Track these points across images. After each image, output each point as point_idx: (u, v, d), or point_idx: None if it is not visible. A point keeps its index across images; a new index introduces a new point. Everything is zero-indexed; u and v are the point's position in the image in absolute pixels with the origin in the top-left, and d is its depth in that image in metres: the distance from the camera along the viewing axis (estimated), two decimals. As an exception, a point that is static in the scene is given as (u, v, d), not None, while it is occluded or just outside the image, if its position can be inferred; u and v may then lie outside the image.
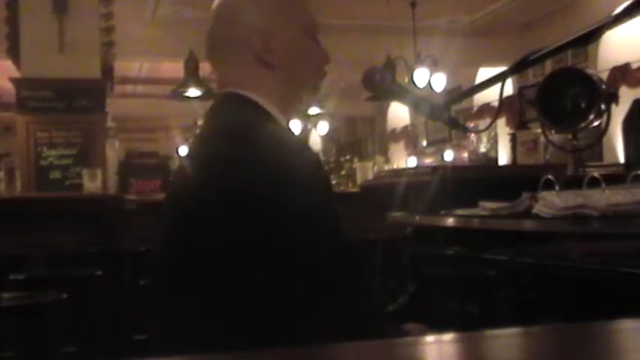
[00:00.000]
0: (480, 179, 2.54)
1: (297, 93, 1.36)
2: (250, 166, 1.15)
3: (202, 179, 1.19)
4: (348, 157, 7.87)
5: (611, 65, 6.97)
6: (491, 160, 6.79)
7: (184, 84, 5.77)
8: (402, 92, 1.57)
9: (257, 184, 1.13)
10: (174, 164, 6.72)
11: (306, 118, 8.37)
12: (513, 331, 0.63)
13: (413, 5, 7.27)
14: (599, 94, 1.82)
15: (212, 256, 1.13)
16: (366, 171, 5.50)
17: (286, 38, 1.31)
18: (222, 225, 1.13)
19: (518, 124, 7.66)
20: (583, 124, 1.85)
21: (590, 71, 2.01)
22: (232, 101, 1.30)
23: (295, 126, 7.94)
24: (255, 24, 1.30)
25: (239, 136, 1.20)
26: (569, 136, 1.93)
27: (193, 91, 5.78)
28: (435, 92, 6.86)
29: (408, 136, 11.81)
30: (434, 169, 2.65)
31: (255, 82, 1.30)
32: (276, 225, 1.11)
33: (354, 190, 5.18)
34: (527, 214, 1.54)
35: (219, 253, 1.12)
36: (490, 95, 6.73)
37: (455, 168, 4.59)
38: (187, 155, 1.32)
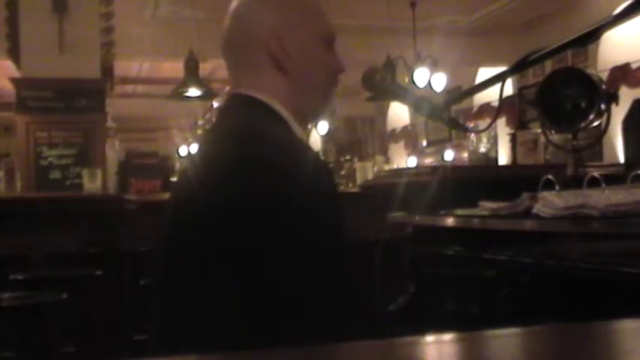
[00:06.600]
0: (480, 179, 2.53)
1: (309, 100, 1.35)
2: (262, 166, 1.15)
3: (213, 179, 1.19)
4: (348, 157, 7.89)
5: (611, 65, 6.97)
6: (491, 160, 6.78)
7: (184, 84, 5.77)
8: (402, 92, 1.57)
9: (268, 185, 1.13)
10: (174, 164, 6.74)
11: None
12: (513, 331, 0.63)
13: (413, 5, 7.27)
14: (599, 94, 1.82)
15: (222, 255, 1.13)
16: (366, 171, 5.50)
17: (302, 44, 1.31)
18: (232, 225, 1.12)
19: (518, 124, 7.68)
20: (583, 124, 1.85)
21: (590, 71, 2.02)
22: (244, 102, 1.30)
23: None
24: (272, 27, 1.29)
25: (251, 137, 1.20)
26: (569, 136, 1.93)
27: (193, 91, 5.78)
28: (435, 92, 6.86)
29: (408, 136, 11.81)
30: (434, 169, 2.65)
31: (269, 86, 1.29)
32: (287, 225, 1.11)
33: (354, 190, 5.18)
34: (527, 214, 1.54)
35: (229, 253, 1.12)
36: (490, 95, 6.73)
37: (455, 168, 4.59)
38: (197, 155, 1.32)
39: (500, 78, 1.47)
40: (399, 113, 11.91)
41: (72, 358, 3.37)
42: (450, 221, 1.84)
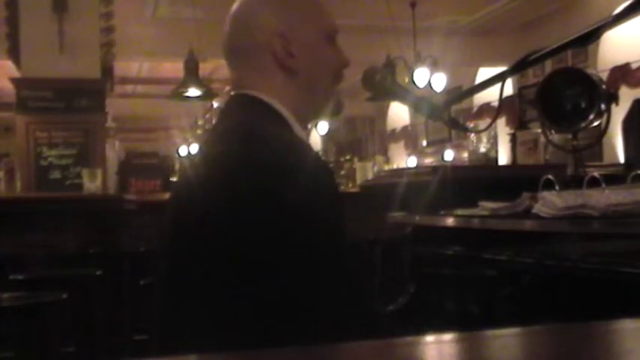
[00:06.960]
0: (480, 179, 2.54)
1: (314, 99, 1.35)
2: (262, 166, 1.15)
3: (214, 179, 1.19)
4: (348, 157, 7.89)
5: (611, 65, 6.97)
6: (491, 160, 6.79)
7: (184, 84, 5.76)
8: (402, 92, 1.57)
9: (269, 185, 1.13)
10: (174, 164, 6.74)
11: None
12: (513, 331, 0.63)
13: (413, 5, 7.27)
14: (599, 94, 1.82)
15: (223, 255, 1.13)
16: (366, 171, 5.50)
17: (305, 42, 1.30)
18: (233, 225, 1.12)
19: (518, 124, 7.69)
20: (583, 124, 1.85)
21: (590, 71, 2.02)
22: (245, 102, 1.30)
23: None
24: (275, 27, 1.29)
25: (252, 137, 1.20)
26: (569, 136, 1.93)
27: (193, 91, 5.78)
28: (435, 92, 6.86)
29: (408, 136, 11.81)
30: (434, 169, 2.65)
31: (272, 86, 1.29)
32: (287, 225, 1.11)
33: (354, 190, 5.18)
34: (527, 214, 1.54)
35: (229, 253, 1.12)
36: (490, 95, 6.73)
37: (455, 168, 4.60)
38: (197, 155, 1.32)
39: (500, 78, 1.47)
40: (399, 113, 11.92)
41: (72, 358, 3.37)
42: (450, 221, 1.84)
